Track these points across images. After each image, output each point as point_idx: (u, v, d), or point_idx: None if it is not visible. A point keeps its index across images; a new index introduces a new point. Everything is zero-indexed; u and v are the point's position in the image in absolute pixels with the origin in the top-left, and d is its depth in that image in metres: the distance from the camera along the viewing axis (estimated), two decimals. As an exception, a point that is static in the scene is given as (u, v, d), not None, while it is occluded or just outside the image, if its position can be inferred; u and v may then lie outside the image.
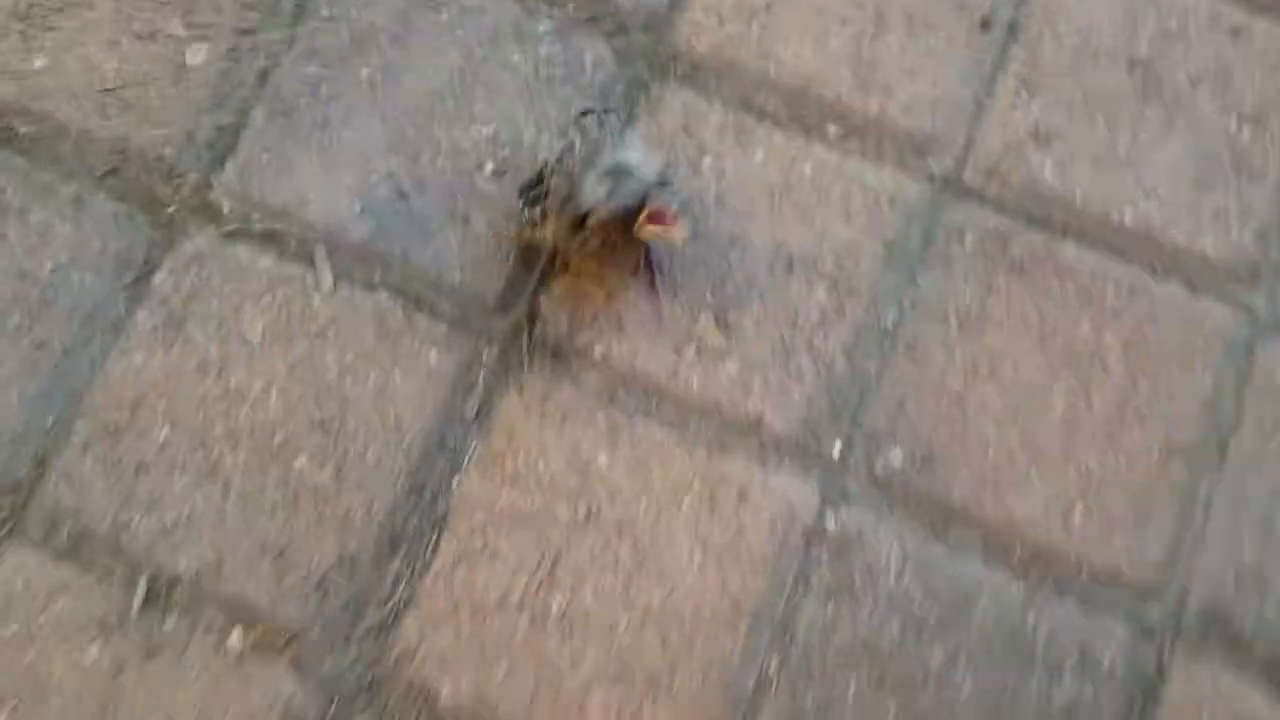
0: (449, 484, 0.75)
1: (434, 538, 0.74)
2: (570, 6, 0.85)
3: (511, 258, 0.79)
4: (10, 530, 0.74)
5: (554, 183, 0.75)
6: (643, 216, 0.73)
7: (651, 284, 0.79)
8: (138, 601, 0.73)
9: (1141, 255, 0.82)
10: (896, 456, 0.77)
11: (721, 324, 0.80)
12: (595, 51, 0.84)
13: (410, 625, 0.73)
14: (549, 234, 0.76)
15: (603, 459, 0.76)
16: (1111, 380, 0.79)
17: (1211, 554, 0.77)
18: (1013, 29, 0.86)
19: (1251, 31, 0.88)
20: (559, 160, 0.76)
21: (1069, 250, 0.82)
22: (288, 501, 0.74)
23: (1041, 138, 0.84)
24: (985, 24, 0.86)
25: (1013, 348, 0.80)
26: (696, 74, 0.84)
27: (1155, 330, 0.81)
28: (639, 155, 0.74)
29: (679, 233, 0.73)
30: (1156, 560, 0.76)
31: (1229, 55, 0.87)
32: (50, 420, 0.76)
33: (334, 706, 0.72)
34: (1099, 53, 0.86)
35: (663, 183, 0.74)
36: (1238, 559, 0.77)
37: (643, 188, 0.74)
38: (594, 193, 0.74)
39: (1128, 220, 0.83)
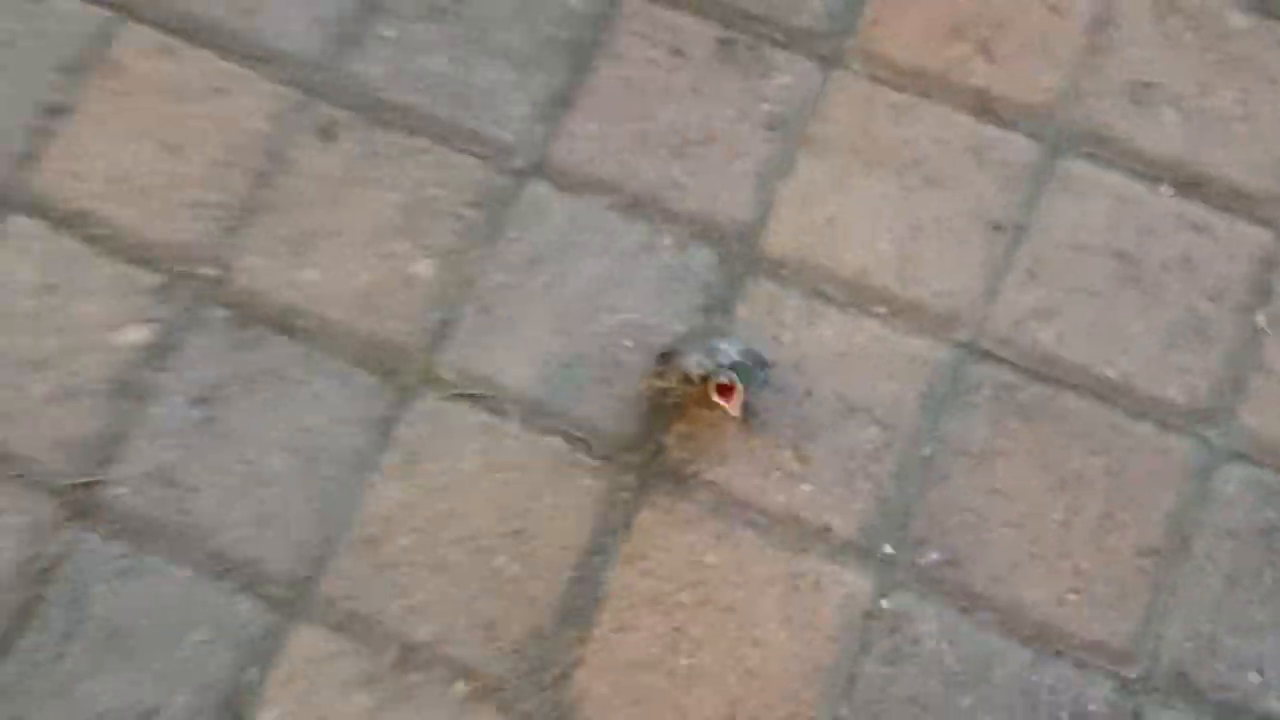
0: (604, 576, 1.10)
1: (595, 614, 1.08)
2: (687, 225, 1.21)
3: (645, 410, 1.14)
4: (299, 612, 1.11)
5: (677, 351, 1.10)
6: (712, 385, 1.05)
7: (745, 422, 1.13)
8: (390, 662, 1.08)
9: (1122, 402, 1.13)
10: (933, 555, 1.09)
11: (799, 455, 1.13)
12: (704, 258, 1.20)
13: (581, 678, 1.07)
14: (673, 384, 1.11)
15: (712, 557, 1.10)
16: (1097, 498, 1.10)
17: (1176, 627, 1.06)
18: (1020, 229, 1.19)
19: (1213, 226, 1.19)
20: (682, 339, 1.12)
21: (1065, 399, 1.14)
22: (493, 589, 1.09)
23: (1042, 313, 1.16)
24: (998, 227, 1.20)
25: (1019, 474, 1.11)
26: (778, 270, 1.19)
27: (1132, 459, 1.11)
28: (737, 346, 1.08)
29: (732, 408, 1.05)
30: (1133, 633, 1.06)
31: (1194, 246, 1.19)
32: (326, 533, 1.13)
33: (527, 736, 1.06)
34: (1089, 247, 1.18)
35: (762, 364, 1.09)
36: (1196, 631, 1.06)
37: (735, 362, 1.08)
38: (700, 364, 1.08)
39: (1111, 375, 1.14)
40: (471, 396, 1.16)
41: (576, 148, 1.24)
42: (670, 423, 1.15)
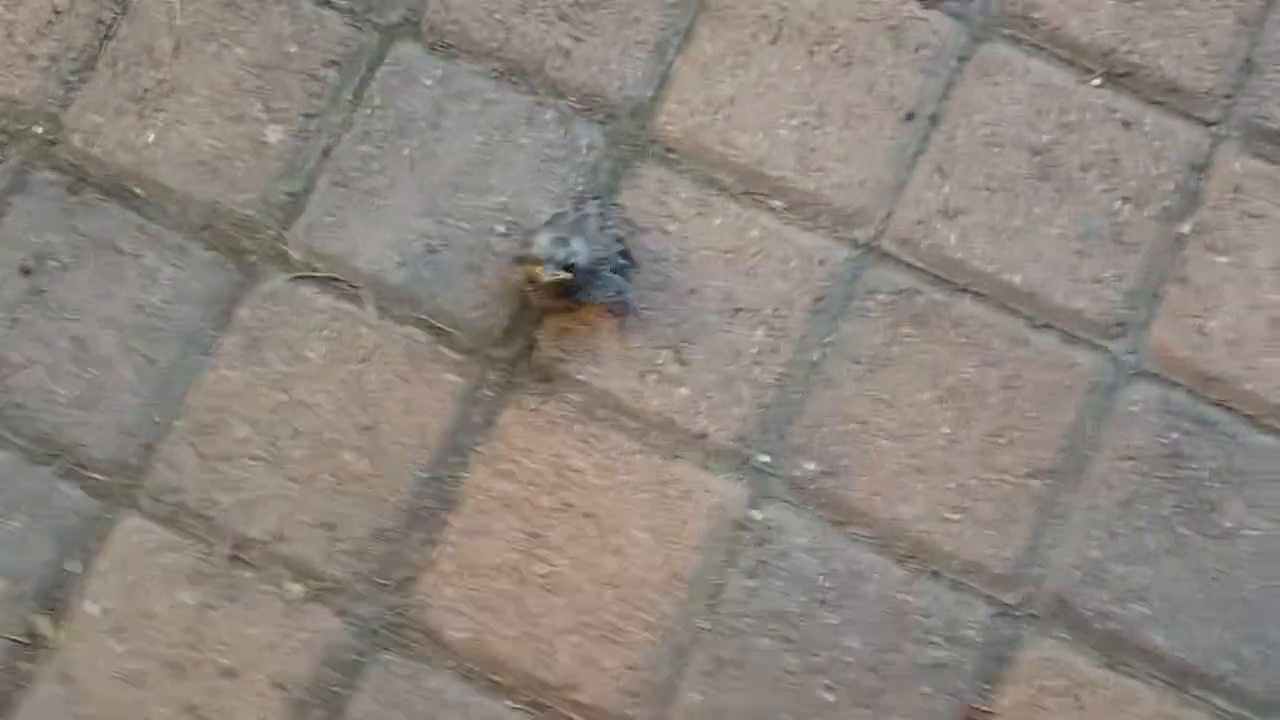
0: (459, 476, 1.13)
1: (447, 516, 1.12)
2: (572, 98, 1.22)
3: (515, 303, 1.16)
4: (125, 502, 1.13)
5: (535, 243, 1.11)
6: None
7: (620, 321, 1.15)
8: (221, 558, 1.11)
9: (1025, 311, 1.17)
10: (810, 466, 1.13)
11: (678, 357, 1.16)
12: (590, 136, 1.21)
13: (427, 583, 1.11)
14: (533, 295, 1.13)
15: (578, 461, 1.13)
16: (989, 412, 1.14)
17: (1063, 553, 1.11)
18: (933, 120, 1.21)
19: (1142, 122, 1.22)
20: (548, 224, 1.13)
21: (964, 306, 1.17)
22: (337, 485, 1.12)
23: (949, 213, 1.19)
24: (910, 116, 1.21)
25: (910, 384, 1.15)
26: (670, 155, 1.21)
27: (1031, 372, 1.15)
28: (599, 240, 1.10)
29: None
30: (1016, 556, 1.11)
31: (1119, 143, 1.21)
32: (156, 418, 1.15)
33: (366, 641, 1.09)
34: (1004, 142, 1.21)
35: (623, 265, 1.11)
36: (1084, 557, 1.11)
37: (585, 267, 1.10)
38: (550, 267, 1.09)
39: (1016, 282, 1.17)
40: (322, 279, 1.18)
41: (452, 4, 1.24)
42: (542, 318, 1.17)
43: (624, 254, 1.14)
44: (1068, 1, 1.24)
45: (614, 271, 1.13)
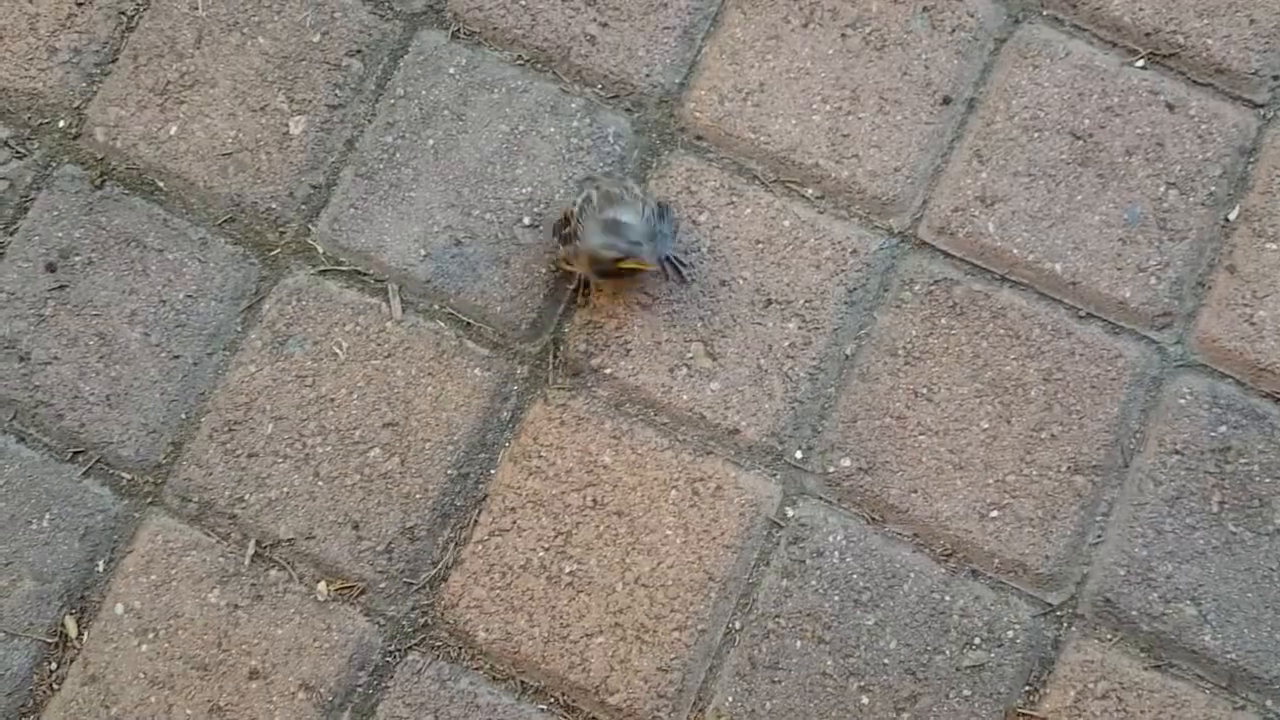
0: (487, 473, 1.06)
1: (475, 514, 1.05)
2: (599, 86, 1.14)
3: (542, 295, 1.09)
4: (151, 500, 1.07)
5: (576, 225, 1.04)
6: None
7: (678, 275, 1.08)
8: (248, 558, 1.05)
9: (1067, 301, 1.08)
10: (846, 462, 1.05)
11: (709, 350, 1.08)
12: (617, 125, 1.13)
13: (455, 581, 1.04)
14: (577, 265, 1.05)
15: (607, 458, 1.06)
16: (1031, 406, 1.06)
17: (1108, 551, 1.03)
18: (971, 105, 1.12)
19: (1188, 104, 1.12)
20: (580, 208, 1.05)
21: (1004, 296, 1.08)
22: (364, 484, 1.06)
23: (988, 200, 1.10)
24: (947, 100, 1.13)
25: (948, 377, 1.06)
26: (699, 143, 1.13)
27: (1074, 364, 1.06)
28: (633, 213, 1.02)
29: (649, 264, 1.02)
30: (1059, 555, 1.03)
31: (1164, 127, 1.12)
32: (182, 416, 1.08)
33: (394, 642, 1.03)
34: (1045, 126, 1.12)
35: (661, 214, 1.04)
36: (1130, 555, 1.03)
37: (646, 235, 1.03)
38: (609, 245, 1.02)
39: (1058, 270, 1.09)
40: (347, 272, 1.11)
41: (479, -7, 1.16)
42: (571, 309, 1.10)
43: (660, 214, 1.06)
44: (1110, -20, 1.15)
45: (663, 235, 1.05)
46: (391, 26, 1.16)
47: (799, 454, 1.06)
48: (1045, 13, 1.14)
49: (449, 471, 1.06)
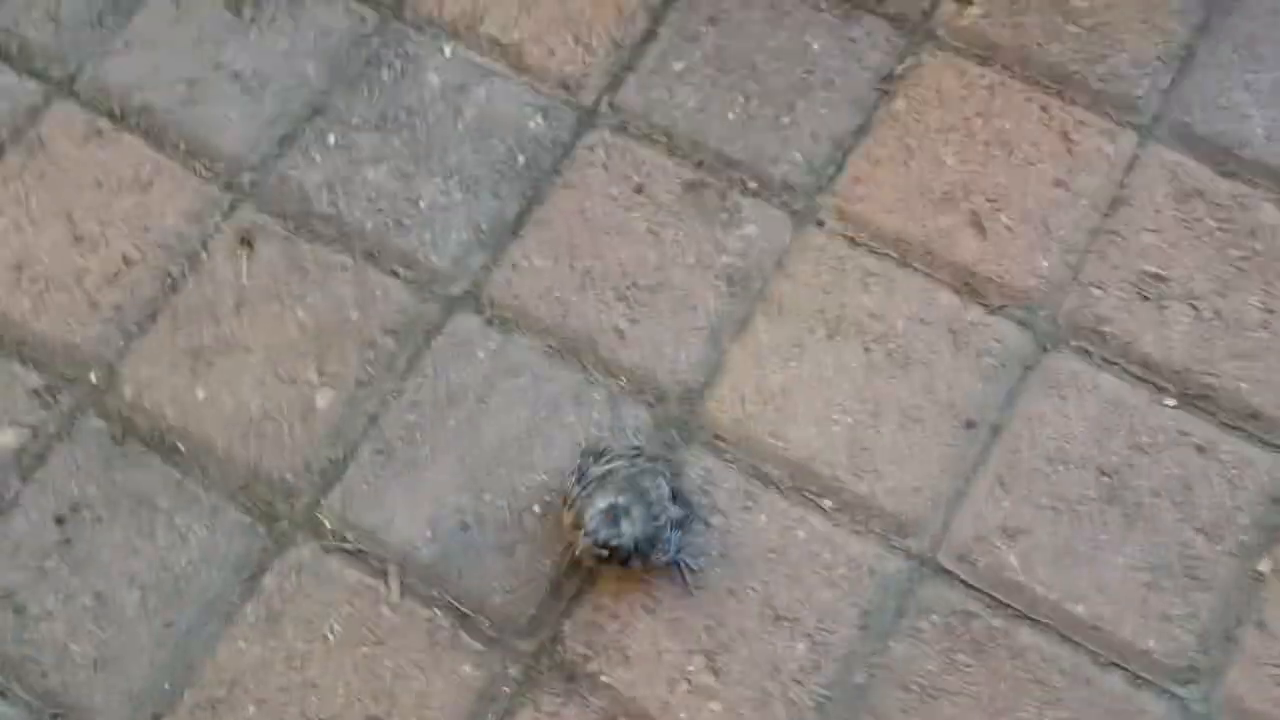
0: (467, 784, 0.95)
1: (448, 829, 0.93)
2: (622, 378, 1.08)
3: (544, 589, 1.00)
4: (122, 774, 0.97)
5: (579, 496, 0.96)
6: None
7: (684, 581, 0.99)
8: None
9: (1089, 646, 0.97)
10: (850, 808, 0.93)
11: (712, 665, 0.98)
12: (637, 418, 1.07)
13: None
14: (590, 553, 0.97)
15: (595, 779, 0.94)
16: (1049, 760, 0.94)
17: None
18: (995, 430, 1.05)
19: (1218, 448, 1.04)
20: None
21: (1024, 635, 0.98)
22: (337, 782, 0.95)
23: (1010, 531, 1.01)
24: (970, 424, 1.05)
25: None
26: (718, 443, 1.06)
27: (1094, 716, 0.95)
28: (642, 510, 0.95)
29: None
30: None
31: (1193, 470, 1.03)
32: (166, 687, 0.99)
33: None
34: (1070, 460, 1.03)
35: (681, 520, 0.96)
36: None
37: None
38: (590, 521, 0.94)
39: (1080, 612, 0.98)
40: (352, 551, 1.03)
41: (515, 280, 1.12)
42: (572, 607, 1.00)
43: (682, 503, 0.98)
44: (1140, 316, 1.08)
45: (673, 528, 0.97)
46: (429, 308, 1.12)
47: (799, 792, 0.94)
48: (1074, 344, 1.08)
49: (428, 777, 0.96)
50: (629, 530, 0.94)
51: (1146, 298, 1.09)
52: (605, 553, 0.94)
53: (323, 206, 1.15)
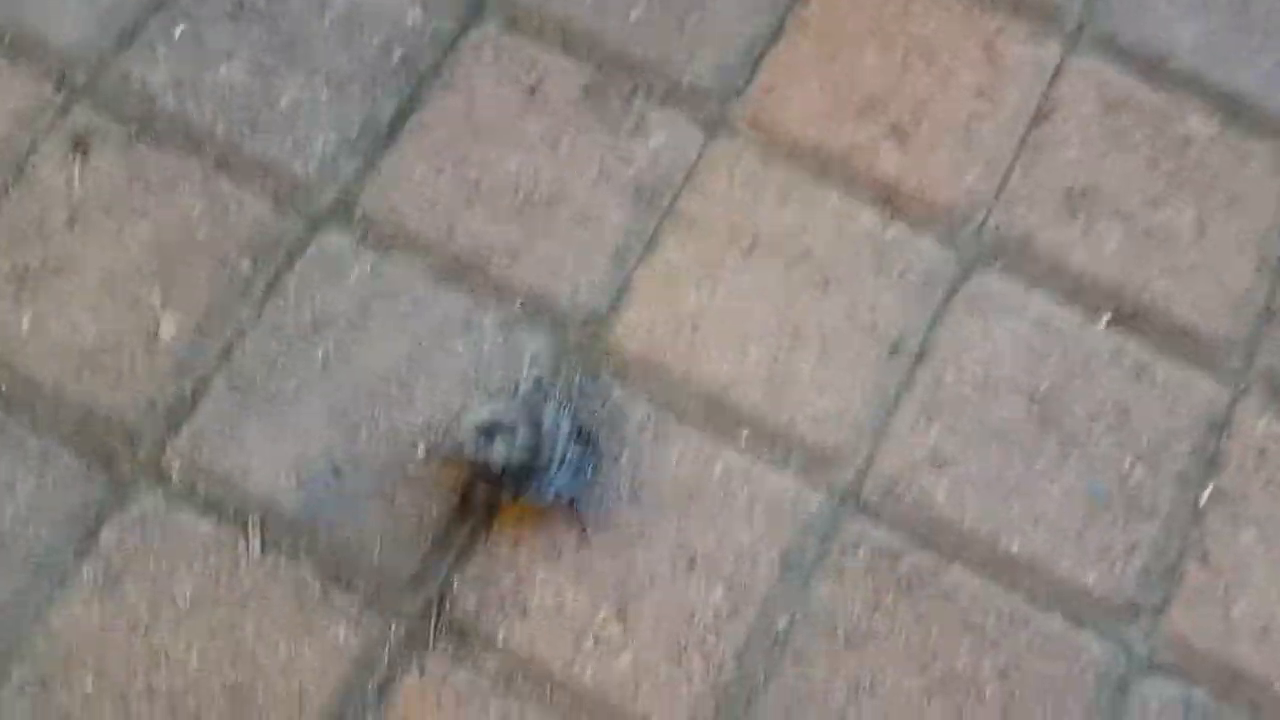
0: (344, 760, 0.83)
1: (322, 812, 0.81)
2: (517, 302, 0.96)
3: (429, 540, 0.88)
4: (-66, 763, 0.82)
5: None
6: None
7: (582, 526, 0.88)
8: None
9: (1025, 584, 0.89)
10: (772, 767, 0.84)
11: (621, 616, 0.87)
12: (534, 346, 0.95)
13: None
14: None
15: (490, 749, 0.83)
16: (985, 708, 0.86)
17: None
18: (920, 356, 0.96)
19: (1155, 372, 0.97)
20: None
21: (955, 574, 0.89)
22: (191, 763, 0.82)
23: (937, 462, 0.93)
24: (894, 349, 0.96)
25: (894, 667, 0.86)
26: (625, 372, 0.95)
27: (1032, 660, 0.87)
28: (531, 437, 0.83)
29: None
30: None
31: (1129, 394, 0.96)
32: (-13, 661, 0.84)
33: None
34: (1000, 385, 0.95)
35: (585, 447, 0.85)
36: None
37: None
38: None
39: (1014, 548, 0.90)
40: (204, 500, 0.89)
41: (392, 193, 0.99)
42: (462, 560, 0.89)
43: (585, 439, 0.87)
44: (1069, 233, 1.00)
45: (561, 466, 0.86)
46: (291, 225, 0.97)
47: (717, 753, 0.85)
48: (1000, 262, 0.99)
49: (297, 752, 0.83)
50: (503, 451, 0.82)
51: (1075, 214, 1.01)
52: (470, 468, 0.82)
53: (168, 107, 0.99)
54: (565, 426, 0.86)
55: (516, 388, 0.87)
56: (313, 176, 0.98)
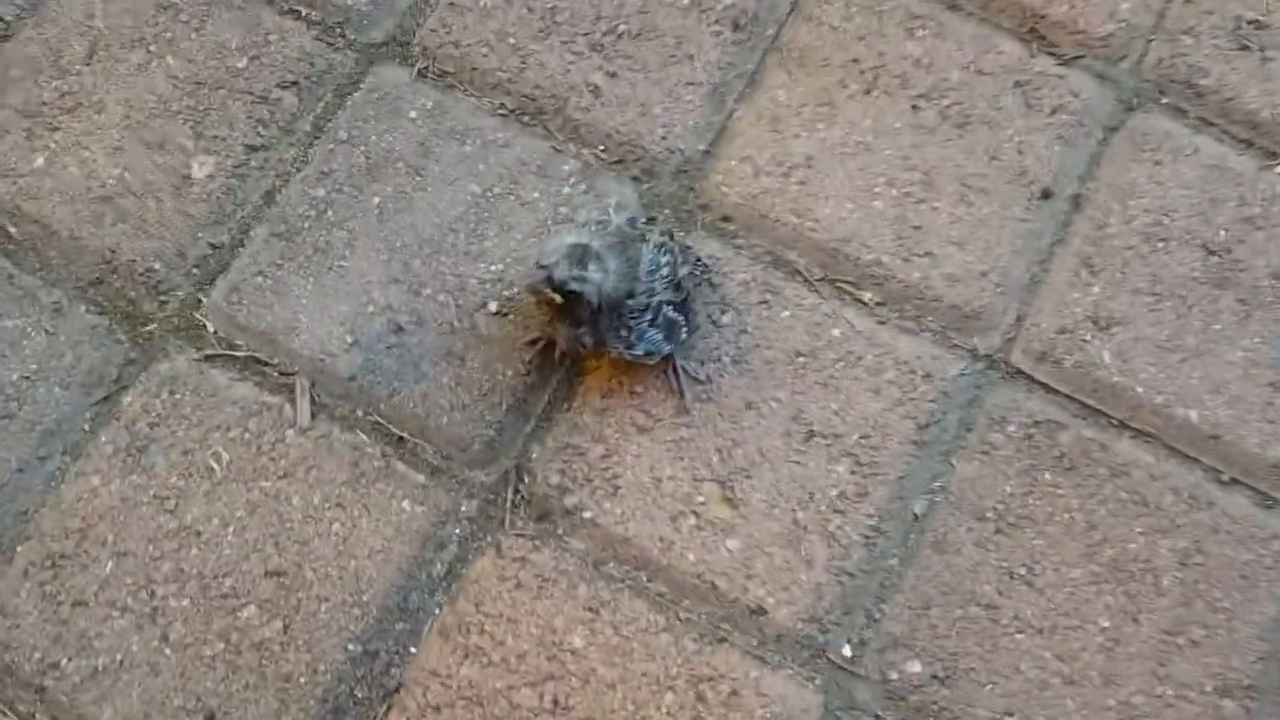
0: (405, 652, 0.70)
1: (382, 711, 0.68)
2: (600, 148, 0.83)
3: (505, 405, 0.75)
4: (-67, 658, 0.70)
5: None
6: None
7: (683, 393, 0.75)
8: (52, 754, 0.68)
9: (1206, 459, 0.75)
10: (915, 667, 0.70)
11: (727, 495, 0.74)
12: (620, 195, 0.81)
13: (345, 813, 0.67)
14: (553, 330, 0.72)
15: (578, 640, 0.70)
16: (1164, 600, 0.71)
17: (1279, 819, 0.68)
18: (1077, 202, 0.82)
19: (1342, 222, 0.82)
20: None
21: (1125, 448, 0.75)
22: (229, 656, 0.69)
23: (1102, 322, 0.78)
24: (1046, 194, 0.82)
25: (1055, 554, 0.72)
26: (725, 225, 0.81)
27: (1217, 546, 0.73)
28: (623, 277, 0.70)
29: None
30: (1213, 820, 0.67)
31: (1316, 247, 0.81)
32: (-5, 540, 0.72)
33: None
34: (1171, 235, 0.81)
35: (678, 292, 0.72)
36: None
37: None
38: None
39: (1193, 419, 0.76)
40: (243, 359, 0.76)
41: (455, 23, 0.85)
42: (542, 429, 0.75)
43: (680, 306, 0.74)
44: (1241, 69, 0.86)
45: (665, 321, 0.73)
46: (342, 58, 0.84)
47: (847, 650, 0.71)
48: (1165, 101, 0.85)
49: (350, 647, 0.70)
50: (596, 279, 0.69)
51: (1247, 46, 0.87)
52: (556, 296, 0.69)
53: (200, -72, 0.87)
54: (664, 269, 0.72)
55: (609, 223, 0.74)
56: (364, 4, 0.86)
